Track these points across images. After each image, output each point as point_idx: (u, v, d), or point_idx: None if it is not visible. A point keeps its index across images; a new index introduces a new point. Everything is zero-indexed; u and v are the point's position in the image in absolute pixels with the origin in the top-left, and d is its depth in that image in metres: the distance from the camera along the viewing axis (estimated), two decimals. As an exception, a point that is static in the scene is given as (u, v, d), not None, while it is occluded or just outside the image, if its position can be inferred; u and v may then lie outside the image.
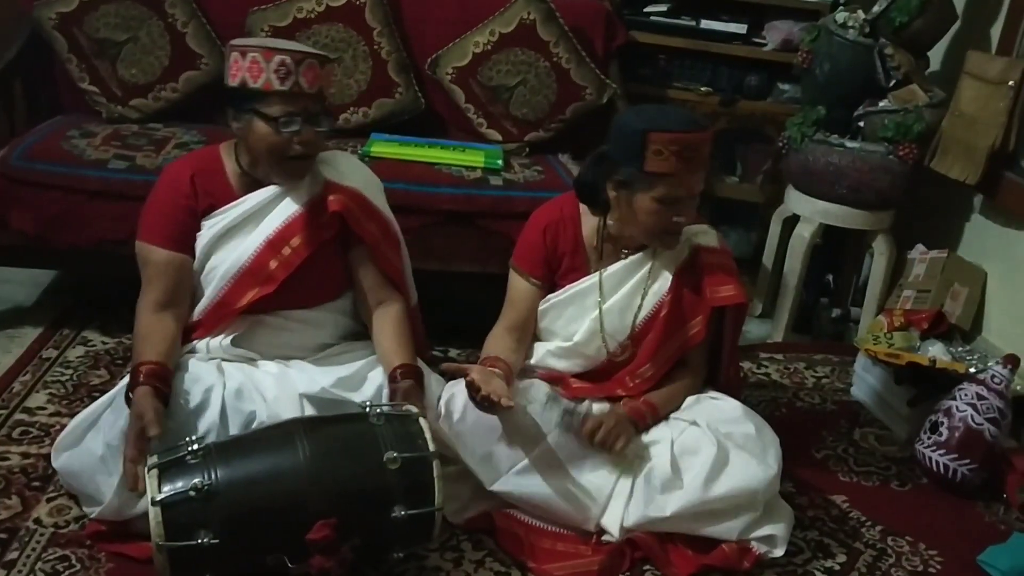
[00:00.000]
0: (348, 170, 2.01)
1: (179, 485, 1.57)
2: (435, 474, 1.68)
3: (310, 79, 1.82)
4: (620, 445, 1.88)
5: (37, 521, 1.83)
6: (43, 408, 2.21)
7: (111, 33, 2.74)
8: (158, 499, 1.55)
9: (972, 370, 2.43)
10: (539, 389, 1.99)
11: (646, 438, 1.97)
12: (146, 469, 1.59)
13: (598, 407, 2.02)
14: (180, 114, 2.82)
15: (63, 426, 1.92)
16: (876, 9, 2.83)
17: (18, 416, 2.16)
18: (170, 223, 1.89)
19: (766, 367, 2.87)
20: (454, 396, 1.92)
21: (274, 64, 1.78)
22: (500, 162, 2.71)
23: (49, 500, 1.89)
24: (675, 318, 2.02)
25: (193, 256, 1.91)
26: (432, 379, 1.98)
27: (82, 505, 1.85)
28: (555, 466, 1.91)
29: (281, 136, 1.82)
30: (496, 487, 1.91)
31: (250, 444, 1.69)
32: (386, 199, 2.09)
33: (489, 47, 2.91)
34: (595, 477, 1.92)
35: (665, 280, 2.02)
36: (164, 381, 1.75)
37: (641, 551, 1.90)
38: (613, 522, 1.90)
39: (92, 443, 1.80)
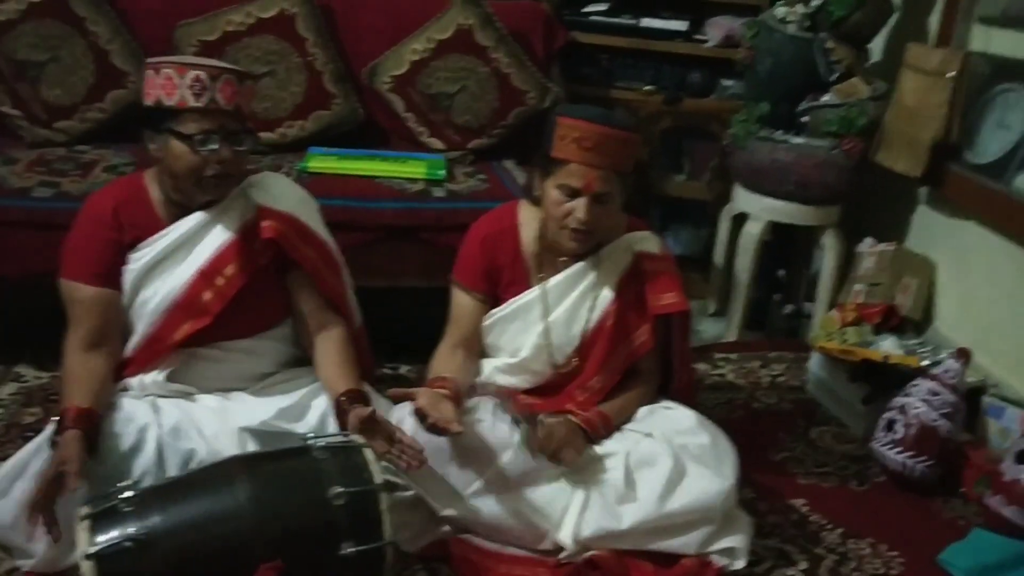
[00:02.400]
0: (280, 193, 1.94)
1: (113, 535, 1.49)
2: (382, 507, 1.62)
3: (227, 95, 1.74)
4: (568, 457, 1.84)
5: (-33, 577, 1.74)
6: (-28, 452, 2.10)
7: (31, 53, 2.62)
8: (91, 552, 1.46)
9: (925, 362, 2.43)
10: (486, 407, 1.94)
11: (600, 451, 1.93)
12: (77, 519, 1.51)
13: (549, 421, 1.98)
14: (108, 135, 2.71)
15: (-7, 472, 1.82)
16: (815, 3, 2.81)
17: (-54, 462, 2.05)
18: (94, 258, 1.81)
19: (721, 368, 2.85)
20: (402, 420, 1.86)
21: (188, 80, 1.71)
22: (443, 172, 2.65)
23: (-21, 553, 1.80)
24: (621, 328, 1.99)
25: (121, 291, 1.82)
26: (380, 403, 1.92)
27: (15, 557, 1.75)
28: (509, 485, 1.86)
29: (198, 155, 1.74)
30: (449, 511, 1.86)
31: (187, 487, 1.62)
32: (323, 218, 2.03)
33: (427, 54, 2.85)
34: (549, 492, 1.88)
35: (610, 289, 1.99)
36: (93, 426, 1.67)
37: (600, 571, 1.86)
38: (567, 534, 1.85)
39: (20, 493, 1.70)
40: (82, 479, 1.58)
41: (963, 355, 2.32)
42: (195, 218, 1.84)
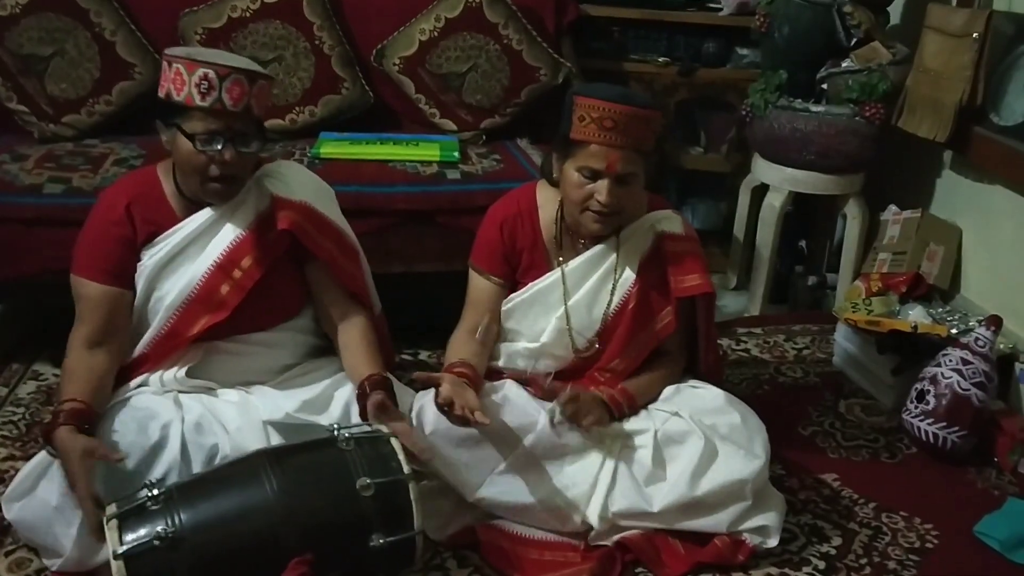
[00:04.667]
0: (295, 182, 1.90)
1: (142, 534, 1.48)
2: (412, 496, 1.61)
3: (235, 96, 1.70)
4: (588, 422, 1.82)
5: (-4, 578, 1.73)
6: (-5, 453, 2.10)
7: (35, 48, 2.59)
8: (120, 552, 1.46)
9: (954, 331, 2.40)
10: (511, 389, 1.93)
11: (627, 428, 1.90)
12: (105, 519, 1.50)
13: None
14: (117, 128, 2.68)
15: (18, 471, 1.81)
16: (831, -34, 2.75)
17: (-31, 463, 2.05)
18: (104, 256, 1.78)
19: (745, 342, 2.81)
20: (424, 408, 1.85)
21: (196, 78, 1.67)
22: (456, 154, 2.61)
23: (7, 554, 1.79)
24: (643, 310, 1.96)
25: (131, 289, 1.80)
26: (403, 391, 1.89)
27: (42, 557, 1.74)
28: (534, 467, 1.85)
29: (202, 155, 1.71)
30: (477, 496, 1.84)
31: (214, 483, 1.61)
32: (339, 206, 1.99)
33: (436, 33, 2.80)
34: (575, 471, 1.86)
35: (631, 271, 1.95)
36: (88, 420, 1.64)
37: (632, 553, 1.84)
38: (595, 512, 1.83)
39: (45, 492, 1.69)
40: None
41: (994, 323, 2.27)
42: (209, 211, 1.81)
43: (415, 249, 2.48)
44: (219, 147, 1.71)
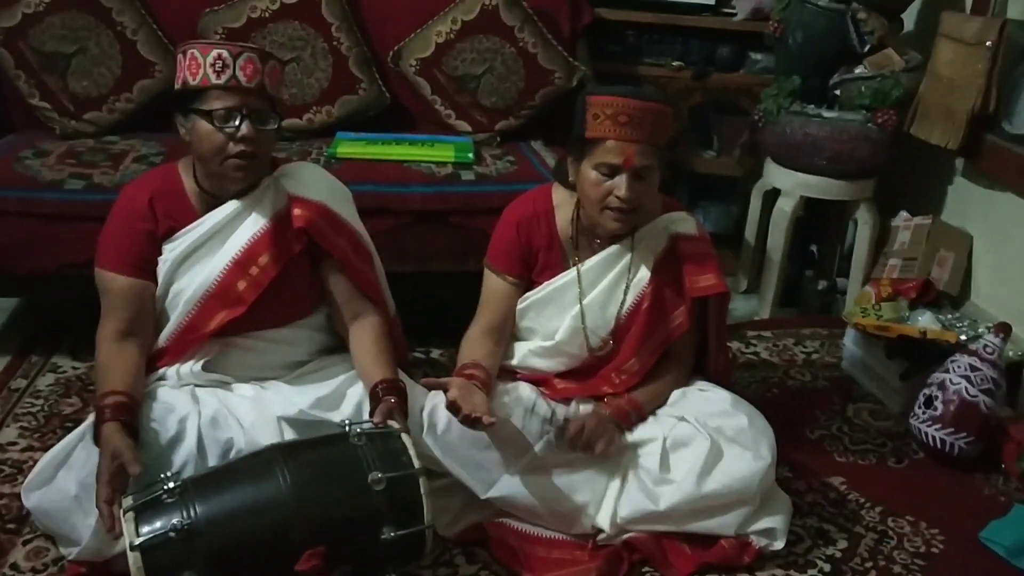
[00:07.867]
0: (312, 182, 1.93)
1: (158, 526, 1.50)
2: (422, 491, 1.63)
3: (249, 73, 1.74)
4: (600, 448, 1.83)
5: (14, 567, 1.76)
6: (14, 443, 2.13)
7: (59, 45, 2.64)
8: (136, 543, 1.48)
9: (963, 337, 2.40)
10: (522, 393, 1.95)
11: (635, 436, 1.92)
12: (122, 511, 1.53)
13: (584, 408, 1.98)
14: (137, 125, 2.73)
15: (36, 462, 1.84)
16: (845, -27, 2.76)
17: (-12, 454, 2.09)
18: (129, 249, 1.81)
19: (755, 345, 2.83)
20: (436, 407, 1.87)
21: (211, 58, 1.73)
22: (471, 155, 2.64)
23: (25, 543, 1.82)
24: (657, 310, 1.97)
25: (155, 282, 1.83)
26: (415, 390, 1.92)
27: (59, 546, 1.78)
28: (544, 472, 1.87)
29: (221, 133, 1.75)
30: (487, 496, 1.86)
31: (228, 476, 1.63)
32: (355, 207, 2.02)
33: (452, 36, 2.83)
34: (585, 477, 1.88)
35: (645, 271, 1.97)
36: (132, 413, 1.68)
37: (639, 553, 1.86)
38: (605, 518, 1.86)
39: (64, 482, 1.72)
40: (140, 462, 1.59)
41: (1003, 330, 2.28)
42: (228, 208, 1.84)
43: (429, 249, 2.51)
44: (237, 123, 1.74)
